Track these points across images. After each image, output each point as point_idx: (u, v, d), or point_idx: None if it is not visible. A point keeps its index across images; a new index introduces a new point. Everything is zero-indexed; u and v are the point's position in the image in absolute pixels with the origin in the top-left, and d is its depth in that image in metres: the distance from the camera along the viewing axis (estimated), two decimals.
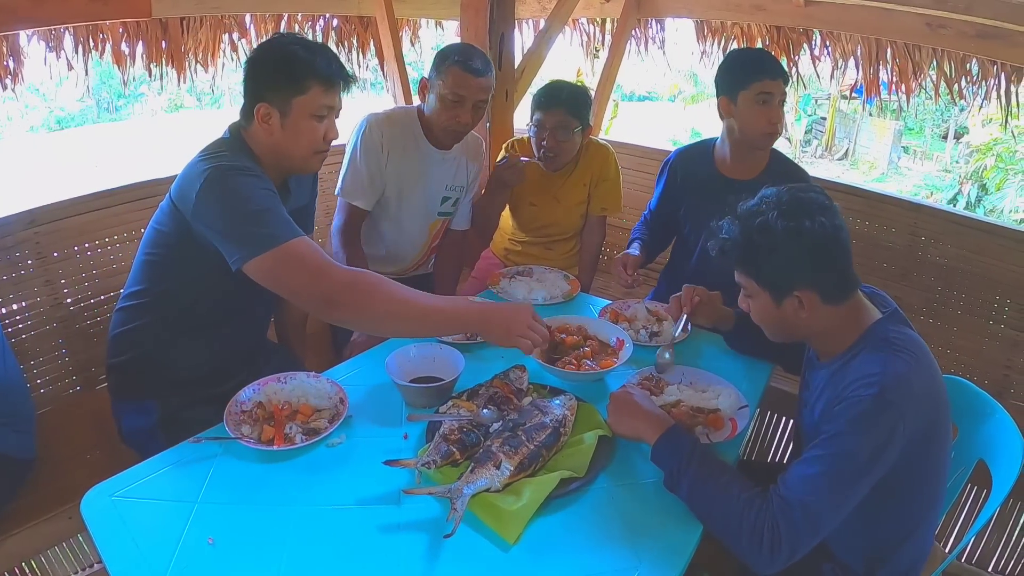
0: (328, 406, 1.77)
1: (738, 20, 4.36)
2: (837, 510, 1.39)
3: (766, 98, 2.39)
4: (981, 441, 1.81)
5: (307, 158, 1.94)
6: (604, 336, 2.17)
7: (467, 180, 2.82)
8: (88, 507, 1.43)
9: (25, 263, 2.38)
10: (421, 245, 2.84)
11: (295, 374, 1.83)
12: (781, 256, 1.49)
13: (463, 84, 2.45)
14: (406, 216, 2.72)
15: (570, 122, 2.80)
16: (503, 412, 1.71)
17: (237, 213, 1.72)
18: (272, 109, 1.85)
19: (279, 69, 1.85)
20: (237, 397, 1.73)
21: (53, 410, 2.45)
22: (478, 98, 2.50)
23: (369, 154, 2.56)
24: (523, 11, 4.60)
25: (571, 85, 2.90)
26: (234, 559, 1.32)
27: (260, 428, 1.66)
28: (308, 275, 1.70)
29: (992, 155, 14.03)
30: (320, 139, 1.91)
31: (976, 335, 3.06)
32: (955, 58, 3.78)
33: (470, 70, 2.45)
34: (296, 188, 2.12)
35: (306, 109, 1.85)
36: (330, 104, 1.89)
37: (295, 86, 1.83)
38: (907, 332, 1.52)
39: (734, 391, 1.88)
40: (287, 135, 1.87)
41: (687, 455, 1.49)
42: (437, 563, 1.33)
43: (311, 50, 1.86)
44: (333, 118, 1.93)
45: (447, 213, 2.82)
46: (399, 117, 2.64)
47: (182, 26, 3.57)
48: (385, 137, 2.56)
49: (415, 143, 2.63)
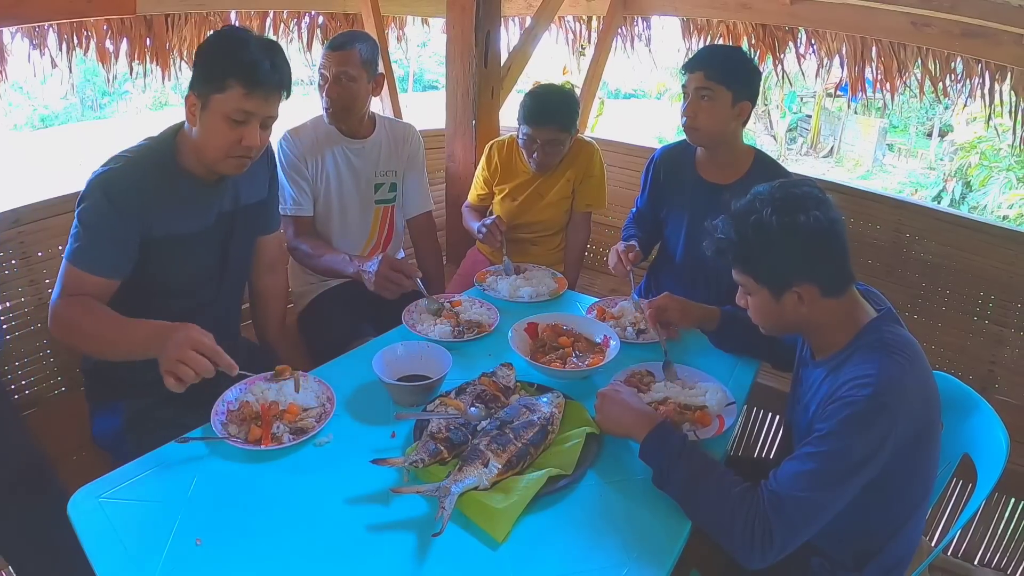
0: (315, 405, 1.75)
1: (724, 18, 4.39)
2: (828, 507, 1.40)
3: (687, 92, 2.41)
4: (966, 436, 1.82)
5: (218, 160, 1.84)
6: (591, 334, 2.18)
7: (399, 163, 2.82)
8: (75, 509, 1.41)
9: (9, 263, 2.36)
10: (368, 235, 2.85)
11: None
12: (778, 252, 1.49)
13: (329, 62, 2.53)
14: (345, 210, 2.74)
15: (561, 136, 2.85)
16: (491, 410, 1.71)
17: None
18: (196, 101, 1.79)
19: (205, 62, 1.79)
20: (224, 396, 1.71)
21: (38, 411, 2.42)
22: (339, 70, 2.51)
23: (291, 170, 2.62)
24: (509, 8, 4.61)
25: (559, 96, 2.89)
26: (222, 560, 1.31)
27: (247, 428, 1.64)
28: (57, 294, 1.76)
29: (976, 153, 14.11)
30: (234, 143, 1.80)
31: (961, 331, 3.09)
32: (940, 56, 3.82)
33: (331, 46, 2.53)
34: (246, 184, 2.06)
35: (220, 109, 1.76)
36: (249, 109, 1.77)
37: (214, 83, 1.75)
38: (902, 332, 1.53)
39: (721, 388, 1.88)
40: (202, 131, 1.81)
41: (675, 452, 1.50)
42: (426, 562, 1.33)
43: (246, 49, 1.76)
44: (256, 124, 1.80)
45: (387, 200, 2.83)
46: (307, 125, 2.68)
47: (167, 23, 3.57)
48: (297, 149, 2.61)
49: (328, 141, 2.66)
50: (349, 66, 2.50)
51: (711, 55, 2.43)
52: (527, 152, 2.91)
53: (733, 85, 2.35)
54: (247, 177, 1.99)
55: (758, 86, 2.44)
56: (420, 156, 2.88)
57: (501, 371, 1.87)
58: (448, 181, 3.81)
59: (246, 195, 2.08)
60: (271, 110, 1.82)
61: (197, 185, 1.92)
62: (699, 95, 2.37)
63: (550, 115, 2.81)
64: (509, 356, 2.01)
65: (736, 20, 4.35)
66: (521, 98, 2.92)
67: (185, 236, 1.92)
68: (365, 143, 2.71)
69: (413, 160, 2.85)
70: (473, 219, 3.09)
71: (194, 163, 1.88)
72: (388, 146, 2.77)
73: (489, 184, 3.16)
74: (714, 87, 2.34)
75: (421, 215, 2.97)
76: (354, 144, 2.69)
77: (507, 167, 3.10)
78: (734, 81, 2.35)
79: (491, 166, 3.13)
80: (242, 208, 2.05)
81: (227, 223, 2.00)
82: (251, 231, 2.18)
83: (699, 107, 2.38)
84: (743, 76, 2.38)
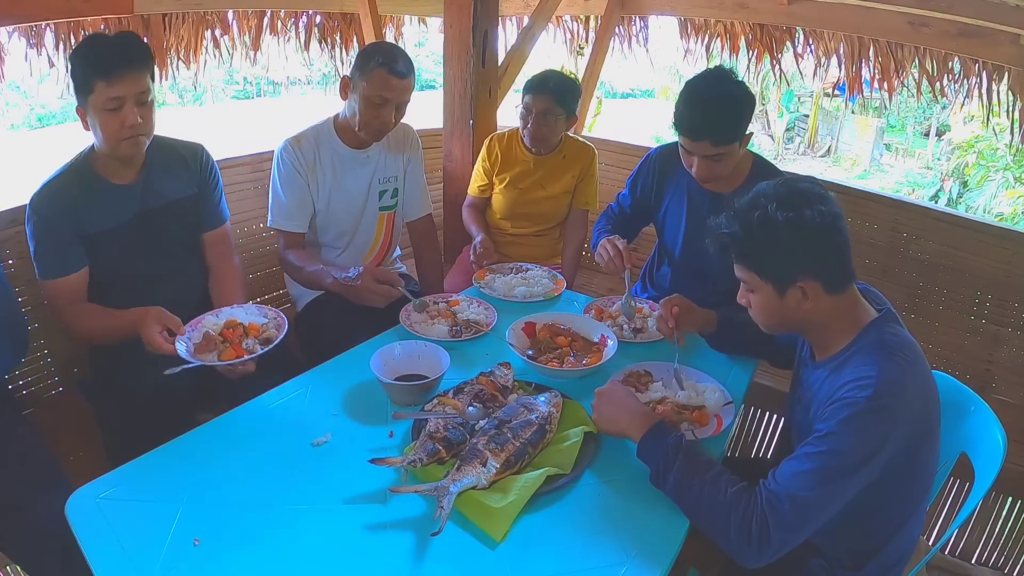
0: (267, 320, 1.98)
1: (721, 18, 4.40)
2: (826, 507, 1.40)
3: (690, 152, 2.27)
4: (963, 435, 1.83)
5: (115, 147, 2.06)
6: (588, 333, 2.18)
7: (400, 169, 2.80)
8: (73, 509, 1.42)
9: (7, 262, 2.36)
10: (372, 242, 2.83)
11: (224, 308, 2.00)
12: (783, 247, 1.49)
13: (387, 86, 2.44)
14: (349, 219, 2.72)
15: (556, 109, 2.93)
16: (488, 409, 1.71)
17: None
18: (81, 110, 2.04)
19: (72, 75, 2.02)
20: (179, 347, 1.83)
21: (36, 411, 2.41)
22: (401, 99, 2.50)
23: (288, 183, 2.59)
24: (507, 8, 4.60)
25: (561, 75, 3.03)
26: (220, 560, 1.31)
27: (219, 353, 1.83)
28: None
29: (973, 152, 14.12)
30: (119, 128, 2.01)
31: (957, 330, 3.10)
32: (937, 56, 3.82)
33: (394, 72, 2.43)
34: (168, 182, 2.27)
35: (96, 106, 1.99)
36: (117, 95, 1.97)
37: (84, 88, 1.98)
38: (902, 333, 1.53)
39: (719, 388, 1.89)
40: (94, 131, 2.06)
41: (672, 451, 1.50)
42: (424, 561, 1.34)
43: (96, 49, 1.99)
44: (131, 106, 2.00)
45: (389, 207, 2.81)
46: (307, 135, 2.63)
47: (164, 22, 3.56)
48: (298, 161, 2.57)
49: (331, 153, 2.63)
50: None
51: (715, 122, 2.18)
52: (523, 125, 3.00)
53: (741, 135, 2.21)
54: (166, 176, 2.26)
55: (752, 111, 2.26)
56: (419, 156, 2.87)
57: (499, 370, 1.87)
58: (446, 180, 3.80)
59: (171, 191, 2.28)
60: (138, 87, 2.01)
61: (113, 187, 2.16)
62: (711, 160, 2.23)
63: (547, 86, 2.91)
64: (507, 355, 2.01)
65: (734, 20, 4.36)
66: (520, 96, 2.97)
67: (114, 230, 2.16)
68: (368, 151, 2.68)
69: (412, 161, 2.83)
70: (472, 225, 3.15)
71: (106, 166, 2.14)
72: (389, 151, 2.75)
73: (489, 175, 3.19)
74: (724, 148, 2.20)
75: (422, 218, 2.95)
76: (356, 154, 2.66)
77: (507, 156, 3.15)
78: (741, 132, 2.21)
79: (491, 156, 3.17)
80: (168, 203, 2.26)
81: (155, 217, 2.19)
82: (186, 224, 2.35)
83: (710, 167, 2.25)
84: (746, 120, 2.22)
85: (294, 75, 26.76)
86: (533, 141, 3.02)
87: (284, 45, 4.30)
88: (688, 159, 2.29)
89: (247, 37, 4.04)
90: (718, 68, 2.31)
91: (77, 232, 2.09)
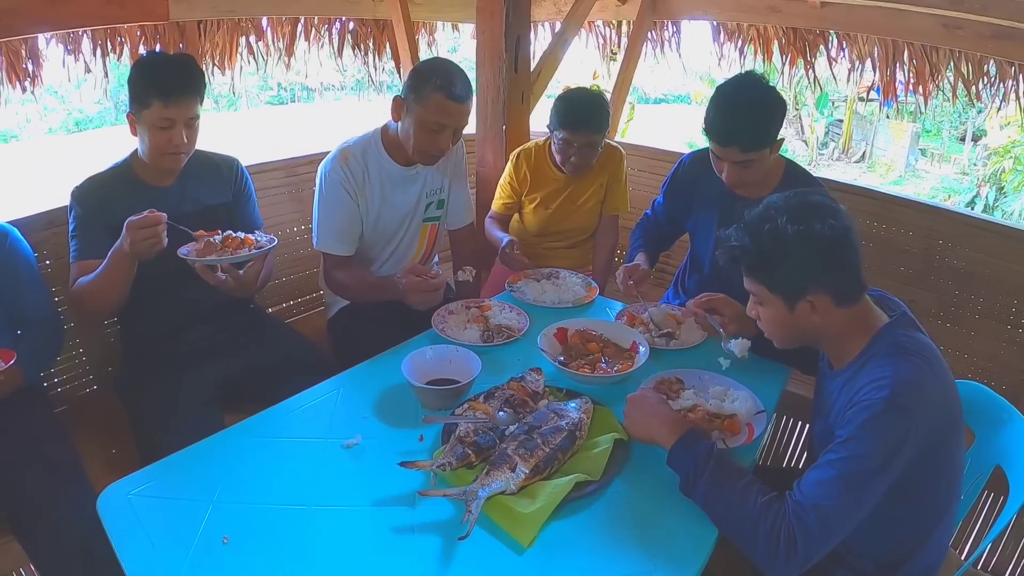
0: (264, 239, 2.18)
1: (753, 22, 4.36)
2: (851, 514, 1.38)
3: (719, 158, 2.29)
4: (998, 447, 1.80)
5: (158, 159, 2.23)
6: (620, 339, 2.17)
7: (444, 180, 2.76)
8: (104, 505, 1.44)
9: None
10: (414, 253, 2.80)
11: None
12: (793, 260, 1.48)
13: (445, 112, 2.34)
14: (395, 233, 2.70)
15: (597, 139, 2.89)
16: (519, 415, 1.71)
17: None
18: (133, 118, 2.19)
19: (131, 87, 2.17)
20: (182, 250, 2.07)
21: (68, 409, 2.46)
22: (459, 124, 2.43)
23: (337, 204, 2.52)
24: (539, 13, 4.60)
25: (592, 101, 2.89)
26: (248, 558, 1.33)
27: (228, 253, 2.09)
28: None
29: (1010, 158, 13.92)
30: (166, 144, 2.18)
31: (993, 340, 3.03)
32: (972, 59, 3.76)
33: (453, 97, 2.33)
34: (204, 190, 2.40)
35: (148, 120, 2.14)
36: (170, 116, 2.13)
37: (140, 101, 2.13)
38: (917, 336, 1.51)
39: (751, 396, 1.87)
40: (141, 140, 2.22)
41: (703, 459, 1.49)
42: (451, 565, 1.34)
43: (158, 69, 2.16)
44: (180, 128, 2.17)
45: (434, 217, 2.78)
46: (355, 151, 2.54)
47: (199, 29, 3.60)
48: (347, 181, 2.50)
49: (379, 171, 2.57)
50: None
51: (744, 128, 2.18)
52: (562, 156, 2.94)
53: (771, 141, 2.22)
54: (201, 184, 2.40)
55: (783, 117, 2.26)
56: (463, 165, 2.84)
57: (530, 376, 1.87)
58: (479, 186, 3.80)
59: (205, 197, 2.41)
60: (190, 113, 2.19)
61: (150, 189, 2.29)
62: (741, 165, 2.23)
63: (587, 119, 2.83)
64: (538, 361, 2.01)
65: (766, 24, 4.33)
66: (552, 103, 2.93)
67: None
68: (416, 168, 2.62)
69: (457, 170, 2.80)
70: (496, 231, 3.08)
71: (145, 169, 2.29)
72: (437, 164, 2.67)
73: (517, 193, 3.15)
74: (753, 154, 2.20)
75: (464, 227, 2.93)
76: (405, 172, 2.59)
77: (537, 176, 3.10)
78: (771, 138, 2.21)
79: (519, 175, 3.12)
80: (203, 209, 2.38)
81: (188, 221, 2.19)
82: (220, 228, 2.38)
83: (740, 172, 2.25)
84: (777, 126, 2.22)
85: (328, 81, 27.01)
86: (576, 171, 2.97)
87: (318, 51, 4.33)
88: (718, 165, 2.29)
89: (281, 43, 4.09)
90: (749, 73, 2.31)
91: (108, 226, 2.14)
